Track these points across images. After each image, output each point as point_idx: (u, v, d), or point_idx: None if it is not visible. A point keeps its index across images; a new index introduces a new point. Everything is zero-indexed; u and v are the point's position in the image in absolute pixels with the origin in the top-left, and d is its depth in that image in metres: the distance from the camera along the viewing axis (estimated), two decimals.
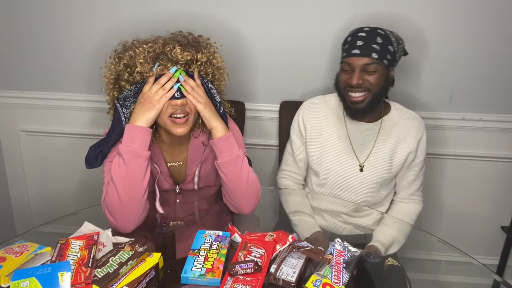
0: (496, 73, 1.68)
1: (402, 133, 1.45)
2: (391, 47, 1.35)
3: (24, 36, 1.74)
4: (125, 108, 1.28)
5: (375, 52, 1.32)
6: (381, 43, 1.33)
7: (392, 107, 1.49)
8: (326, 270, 1.01)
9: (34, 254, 1.01)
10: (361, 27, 1.39)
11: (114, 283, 0.93)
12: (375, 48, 1.32)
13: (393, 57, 1.37)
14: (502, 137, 1.78)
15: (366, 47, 1.33)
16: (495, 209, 1.89)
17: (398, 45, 1.38)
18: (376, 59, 1.32)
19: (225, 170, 1.26)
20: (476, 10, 1.57)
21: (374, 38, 1.33)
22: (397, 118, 1.47)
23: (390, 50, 1.35)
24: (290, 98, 1.74)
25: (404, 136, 1.44)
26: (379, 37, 1.33)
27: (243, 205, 1.29)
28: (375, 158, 1.45)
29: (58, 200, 2.01)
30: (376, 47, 1.32)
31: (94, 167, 1.26)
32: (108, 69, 1.28)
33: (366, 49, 1.33)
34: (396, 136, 1.45)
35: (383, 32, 1.35)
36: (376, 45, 1.32)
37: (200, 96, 1.24)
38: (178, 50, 1.21)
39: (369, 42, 1.33)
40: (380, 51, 1.33)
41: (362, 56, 1.33)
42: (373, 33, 1.35)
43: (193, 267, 1.01)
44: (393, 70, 1.41)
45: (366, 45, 1.33)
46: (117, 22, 1.66)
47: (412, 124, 1.46)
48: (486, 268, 1.17)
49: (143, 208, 1.20)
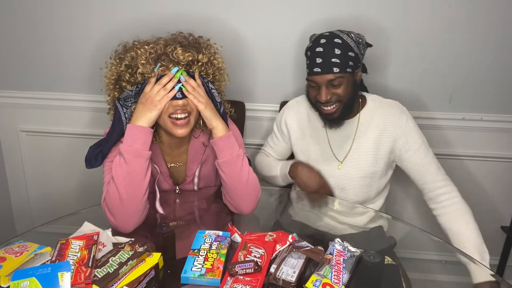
0: (496, 73, 1.68)
1: (382, 122, 1.44)
2: (351, 53, 1.33)
3: (24, 36, 1.74)
4: (125, 108, 1.28)
5: (335, 67, 1.31)
6: (340, 54, 1.31)
7: (368, 99, 1.49)
8: (326, 270, 1.01)
9: (34, 254, 1.01)
10: (319, 35, 1.37)
11: (114, 283, 0.93)
12: (335, 63, 1.31)
13: (356, 61, 1.35)
14: (502, 137, 1.78)
15: (325, 64, 1.32)
16: (495, 209, 1.89)
17: (358, 44, 1.36)
18: (338, 72, 1.32)
19: (225, 169, 1.26)
20: (476, 10, 1.57)
21: (332, 51, 1.31)
22: (374, 109, 1.46)
23: (351, 56, 1.33)
24: (290, 98, 1.74)
25: (385, 125, 1.44)
26: (336, 48, 1.31)
27: (243, 205, 1.29)
28: (355, 154, 1.46)
29: (58, 200, 2.01)
30: (335, 61, 1.31)
31: (94, 167, 1.26)
32: (109, 69, 1.28)
33: (326, 66, 1.32)
34: (376, 127, 1.45)
35: (339, 41, 1.32)
36: (335, 59, 1.31)
37: (201, 96, 1.24)
38: (179, 51, 1.21)
39: (328, 57, 1.31)
40: (341, 63, 1.31)
41: (324, 74, 1.33)
42: (330, 45, 1.32)
43: (193, 267, 1.01)
44: (359, 71, 1.41)
45: (325, 61, 1.32)
46: (117, 22, 1.66)
47: (390, 111, 1.45)
48: (486, 268, 1.17)
49: (143, 208, 1.20)
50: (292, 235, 1.14)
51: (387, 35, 1.64)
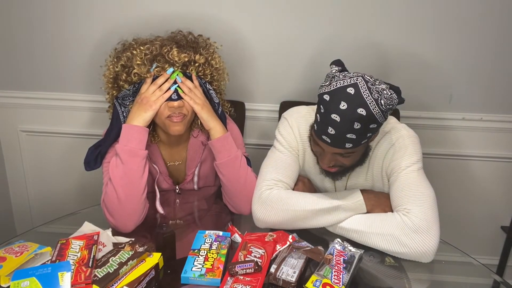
0: (496, 73, 1.68)
1: None
2: (373, 125, 1.07)
3: (24, 36, 1.74)
4: (123, 107, 1.28)
5: (349, 143, 1.07)
6: (359, 129, 1.05)
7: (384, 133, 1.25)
8: (326, 270, 1.01)
9: (34, 254, 1.01)
10: (342, 87, 1.05)
11: (114, 283, 0.93)
12: (350, 138, 1.06)
13: (375, 130, 1.11)
14: (502, 137, 1.78)
15: (338, 139, 1.06)
16: (495, 209, 1.89)
17: (385, 113, 1.08)
18: (350, 148, 1.09)
19: (224, 170, 1.26)
20: (476, 10, 1.57)
21: (350, 126, 1.04)
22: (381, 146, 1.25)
23: (372, 128, 1.07)
24: (290, 98, 1.74)
25: None
26: (357, 122, 1.04)
27: (243, 205, 1.29)
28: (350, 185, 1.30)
29: (58, 200, 2.01)
30: (351, 137, 1.05)
31: (93, 169, 1.27)
32: (107, 68, 1.29)
33: (338, 141, 1.07)
34: None
35: (363, 112, 1.03)
36: (352, 134, 1.05)
37: (198, 97, 1.24)
38: (175, 52, 1.21)
39: (343, 131, 1.05)
40: (357, 139, 1.06)
41: (333, 147, 1.09)
42: (350, 116, 1.03)
43: (193, 267, 1.01)
44: (377, 133, 1.20)
45: (338, 135, 1.06)
46: (117, 22, 1.66)
47: None
48: (486, 268, 1.17)
49: (142, 207, 1.20)
50: (292, 235, 1.15)
51: (385, 34, 1.63)
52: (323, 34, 1.64)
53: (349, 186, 1.32)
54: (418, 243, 1.09)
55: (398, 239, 1.10)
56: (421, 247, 1.09)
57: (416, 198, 1.14)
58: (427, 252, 1.09)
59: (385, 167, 1.24)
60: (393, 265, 1.12)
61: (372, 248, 1.14)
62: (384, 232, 1.12)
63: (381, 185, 1.28)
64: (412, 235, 1.09)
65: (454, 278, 1.17)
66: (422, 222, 1.10)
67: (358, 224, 1.16)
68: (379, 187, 1.28)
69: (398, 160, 1.20)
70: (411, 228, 1.10)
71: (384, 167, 1.25)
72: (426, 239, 1.09)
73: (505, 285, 1.11)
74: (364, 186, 1.29)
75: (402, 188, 1.17)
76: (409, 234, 1.10)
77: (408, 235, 1.10)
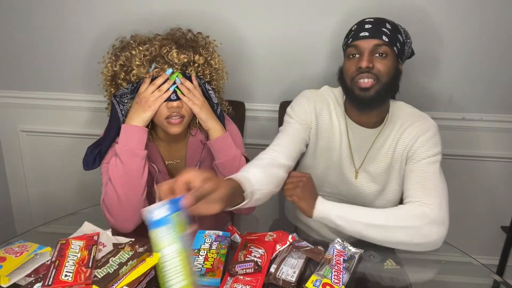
0: (496, 73, 1.68)
1: None
2: (400, 37, 1.25)
3: (23, 36, 1.74)
4: (122, 105, 1.28)
5: (385, 35, 1.21)
6: (391, 29, 1.23)
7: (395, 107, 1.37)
8: (326, 270, 1.01)
9: (34, 254, 1.01)
10: (366, 18, 1.28)
11: (114, 283, 0.93)
12: (385, 32, 1.21)
13: (402, 48, 1.26)
14: (502, 137, 1.78)
15: (375, 30, 1.21)
16: (495, 209, 1.89)
17: (406, 38, 1.29)
18: (386, 41, 1.21)
19: (223, 170, 1.26)
20: (476, 10, 1.57)
21: (383, 24, 1.23)
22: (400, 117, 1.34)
23: (400, 39, 1.25)
24: (290, 98, 1.73)
25: None
26: (388, 24, 1.24)
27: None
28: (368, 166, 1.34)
29: (58, 200, 2.01)
30: (386, 31, 1.22)
31: (91, 169, 1.26)
32: (105, 66, 1.28)
33: (376, 32, 1.21)
34: None
35: (391, 22, 1.26)
36: (386, 29, 1.22)
37: (197, 98, 1.24)
38: (174, 54, 1.20)
39: (379, 26, 1.22)
40: (391, 36, 1.22)
41: (372, 38, 1.21)
42: (381, 20, 1.25)
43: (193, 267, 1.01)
44: (401, 65, 1.30)
45: (375, 28, 1.22)
46: (117, 21, 1.65)
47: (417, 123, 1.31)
48: (486, 268, 1.17)
49: (142, 207, 1.20)
50: (292, 235, 1.15)
51: None
52: (324, 34, 1.64)
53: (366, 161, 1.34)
54: (436, 234, 1.13)
55: (419, 230, 1.13)
56: (437, 237, 1.13)
57: (434, 191, 1.20)
58: (439, 242, 1.14)
59: (409, 147, 1.29)
60: (393, 268, 1.11)
61: (372, 248, 1.14)
62: (406, 224, 1.13)
63: (397, 169, 1.31)
64: (431, 225, 1.13)
65: (454, 278, 1.18)
66: (441, 214, 1.15)
67: (377, 219, 1.15)
68: (392, 170, 1.32)
69: (425, 147, 1.28)
70: (431, 219, 1.13)
71: (409, 147, 1.30)
72: (441, 230, 1.13)
73: (505, 285, 1.11)
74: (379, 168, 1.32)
75: (424, 177, 1.24)
76: (429, 225, 1.13)
77: (428, 225, 1.13)
